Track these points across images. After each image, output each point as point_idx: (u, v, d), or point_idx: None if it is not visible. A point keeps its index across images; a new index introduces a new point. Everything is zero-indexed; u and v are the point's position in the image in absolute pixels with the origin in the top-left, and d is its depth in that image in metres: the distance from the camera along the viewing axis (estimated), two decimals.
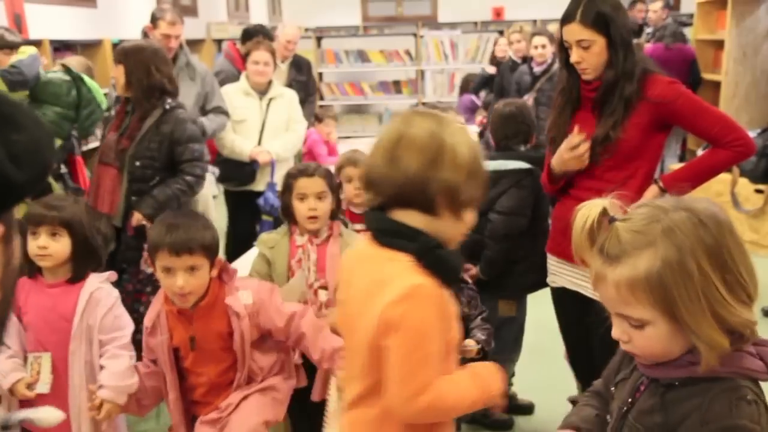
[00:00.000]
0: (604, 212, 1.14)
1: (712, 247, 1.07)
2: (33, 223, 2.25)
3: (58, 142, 3.51)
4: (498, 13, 10.75)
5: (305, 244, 2.49)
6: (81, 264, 2.27)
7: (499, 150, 3.03)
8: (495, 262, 2.88)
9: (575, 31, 2.33)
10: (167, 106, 3.14)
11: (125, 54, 3.13)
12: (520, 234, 2.89)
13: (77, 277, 2.27)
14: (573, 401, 2.92)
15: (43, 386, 2.23)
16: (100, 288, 2.27)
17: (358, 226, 2.82)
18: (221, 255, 2.22)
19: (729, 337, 1.09)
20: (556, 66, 5.46)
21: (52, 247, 2.22)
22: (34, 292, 2.28)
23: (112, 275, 2.33)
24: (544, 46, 5.37)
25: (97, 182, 3.13)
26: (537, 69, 5.46)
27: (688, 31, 7.14)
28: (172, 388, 2.19)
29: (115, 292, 2.31)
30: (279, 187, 4.26)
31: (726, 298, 1.07)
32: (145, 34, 4.13)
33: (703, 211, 1.10)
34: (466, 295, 2.43)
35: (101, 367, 2.21)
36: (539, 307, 3.03)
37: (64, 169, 3.78)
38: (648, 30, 7.18)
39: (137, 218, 3.06)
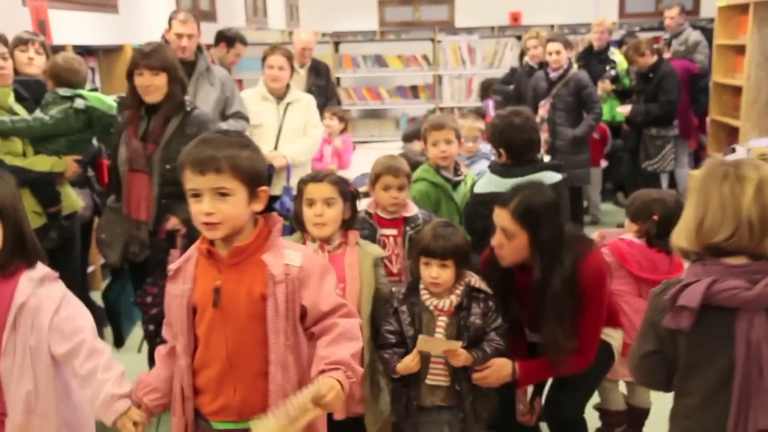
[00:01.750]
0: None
1: None
2: None
3: (78, 156, 3.52)
4: (515, 18, 10.76)
5: (316, 250, 2.46)
6: (11, 255, 1.91)
7: (520, 162, 3.01)
8: None
9: (503, 218, 2.35)
10: (188, 108, 3.15)
11: (168, 61, 3.08)
12: None
13: (4, 269, 1.90)
14: (599, 409, 2.91)
15: None
16: (34, 295, 1.89)
17: (387, 231, 2.84)
18: None
19: None
20: (573, 71, 5.46)
21: None
22: None
23: (50, 275, 1.96)
24: (558, 52, 5.36)
25: (128, 190, 3.10)
26: (553, 75, 5.45)
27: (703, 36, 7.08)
28: (185, 353, 1.79)
29: (57, 291, 1.94)
30: (295, 192, 4.31)
31: None
32: (165, 40, 4.18)
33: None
34: (482, 306, 2.41)
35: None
36: None
37: (90, 173, 3.82)
38: (665, 36, 7.14)
39: (173, 222, 3.02)
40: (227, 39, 5.18)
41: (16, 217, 1.92)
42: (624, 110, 5.95)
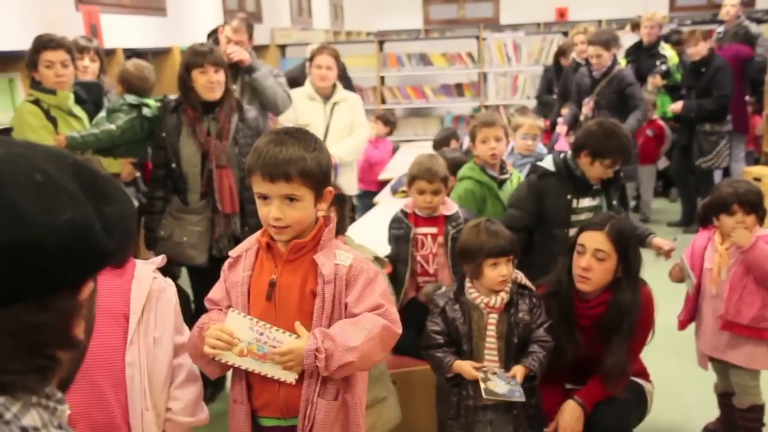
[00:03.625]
0: None
1: None
2: None
3: (133, 159, 3.65)
4: (562, 13, 10.61)
5: None
6: None
7: None
8: None
9: (598, 240, 2.43)
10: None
11: (223, 59, 3.26)
12: (522, 232, 2.88)
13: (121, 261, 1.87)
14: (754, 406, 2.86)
15: None
16: (156, 278, 1.89)
17: (425, 230, 2.83)
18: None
19: None
20: (616, 69, 5.30)
21: None
22: None
23: (162, 260, 1.98)
24: (599, 56, 5.21)
25: (220, 186, 3.21)
26: (596, 73, 5.31)
27: (762, 28, 6.85)
28: None
29: (171, 282, 1.96)
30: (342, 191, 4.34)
31: None
32: (215, 38, 4.25)
33: None
34: (528, 302, 2.43)
35: (172, 398, 1.85)
36: None
37: (137, 173, 3.91)
38: (719, 30, 6.92)
39: None
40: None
41: None
42: (676, 107, 5.79)
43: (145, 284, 1.84)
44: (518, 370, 2.34)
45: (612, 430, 2.51)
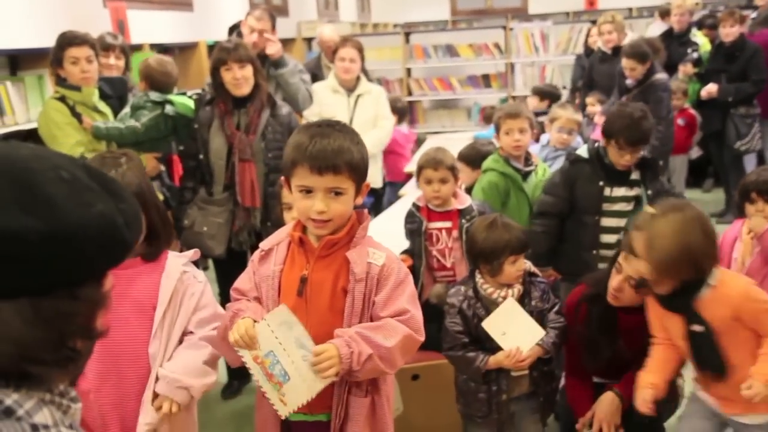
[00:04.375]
0: None
1: None
2: None
3: (157, 154, 3.68)
4: (591, 2, 10.45)
5: None
6: (157, 238, 1.86)
7: None
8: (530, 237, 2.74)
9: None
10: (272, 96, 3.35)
11: (251, 54, 3.28)
12: (556, 218, 2.96)
13: (154, 254, 1.88)
14: None
15: None
16: (186, 273, 1.90)
17: (438, 224, 2.80)
18: None
19: None
20: (651, 79, 5.06)
21: None
22: None
23: (195, 253, 1.98)
24: (633, 69, 4.92)
25: (241, 179, 3.24)
26: (630, 82, 5.10)
27: None
28: None
29: (202, 275, 1.97)
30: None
31: None
32: (238, 32, 4.27)
33: None
34: (538, 288, 2.43)
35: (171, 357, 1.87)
36: None
37: (162, 167, 3.94)
38: (753, 15, 6.77)
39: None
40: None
41: (153, 199, 1.91)
42: (711, 89, 5.63)
43: (173, 277, 1.85)
44: (534, 352, 2.33)
45: (645, 424, 2.46)
